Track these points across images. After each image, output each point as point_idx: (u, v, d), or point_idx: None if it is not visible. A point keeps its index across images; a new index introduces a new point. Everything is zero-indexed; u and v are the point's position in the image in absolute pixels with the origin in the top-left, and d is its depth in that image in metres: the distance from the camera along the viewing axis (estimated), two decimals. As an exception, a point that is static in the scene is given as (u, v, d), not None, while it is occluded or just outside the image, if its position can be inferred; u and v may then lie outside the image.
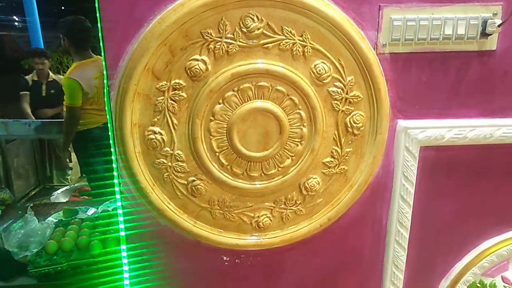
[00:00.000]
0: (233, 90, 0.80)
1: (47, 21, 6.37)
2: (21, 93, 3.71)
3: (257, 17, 0.76)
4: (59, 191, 3.57)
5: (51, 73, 3.82)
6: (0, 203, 1.85)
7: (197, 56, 0.78)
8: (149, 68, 0.77)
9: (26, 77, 3.85)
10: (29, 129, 3.30)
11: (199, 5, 0.74)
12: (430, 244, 0.97)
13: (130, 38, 0.77)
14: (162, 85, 0.79)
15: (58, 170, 4.02)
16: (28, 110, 3.63)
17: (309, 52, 0.79)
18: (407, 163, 0.89)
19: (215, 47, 0.77)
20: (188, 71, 0.78)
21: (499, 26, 0.80)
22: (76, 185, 3.72)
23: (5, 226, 1.51)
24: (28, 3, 5.94)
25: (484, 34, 0.82)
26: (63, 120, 2.84)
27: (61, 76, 3.91)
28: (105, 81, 0.79)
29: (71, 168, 3.26)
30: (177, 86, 0.79)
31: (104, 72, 0.80)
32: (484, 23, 0.81)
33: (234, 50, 0.78)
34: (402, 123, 0.87)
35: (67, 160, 3.15)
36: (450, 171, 0.92)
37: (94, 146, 2.64)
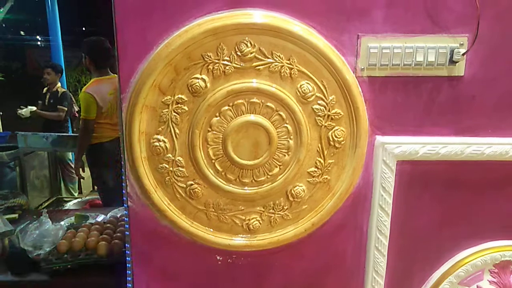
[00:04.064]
0: (229, 105, 0.91)
1: (68, 41, 6.66)
2: (39, 101, 4.09)
3: (250, 43, 0.89)
4: (70, 203, 3.71)
5: (58, 85, 4.14)
6: (17, 208, 1.98)
7: (198, 75, 0.90)
8: (156, 84, 0.90)
9: (45, 88, 4.20)
10: (46, 142, 3.47)
11: (200, 32, 0.87)
12: (409, 252, 1.05)
13: (141, 59, 0.90)
14: (167, 99, 0.91)
15: (65, 183, 4.23)
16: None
17: (296, 74, 0.91)
18: (384, 175, 0.98)
19: (213, 67, 0.89)
20: (190, 87, 0.90)
21: (463, 54, 0.90)
22: (87, 198, 3.87)
23: (21, 227, 1.63)
24: (52, 24, 6.22)
25: (452, 62, 0.93)
26: (77, 134, 3.03)
27: (65, 89, 4.24)
28: (118, 94, 0.92)
29: (83, 178, 3.42)
30: (180, 101, 0.91)
31: (118, 87, 0.93)
32: (452, 52, 0.92)
33: (230, 70, 0.90)
34: (379, 138, 0.97)
35: (80, 169, 3.30)
36: (425, 184, 1.00)
37: (106, 159, 2.78)
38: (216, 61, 0.89)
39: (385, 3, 0.90)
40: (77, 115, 4.35)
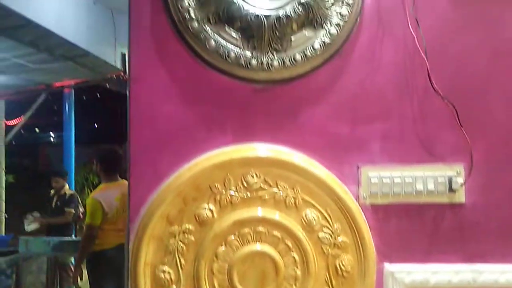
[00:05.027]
0: (235, 235, 0.92)
1: (80, 137, 6.87)
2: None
3: (256, 174, 0.93)
4: (65, 312, 3.48)
5: (66, 187, 4.21)
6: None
7: (205, 205, 0.93)
8: (164, 215, 0.92)
9: (51, 190, 4.26)
10: (48, 246, 3.41)
11: (209, 165, 0.93)
12: None
13: (152, 190, 0.94)
14: (174, 230, 0.92)
15: None
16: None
17: (300, 203, 0.93)
18: (397, 306, 0.94)
19: (220, 198, 0.93)
20: (197, 218, 0.92)
21: (461, 185, 0.93)
22: (83, 306, 3.64)
23: None
24: (68, 123, 6.43)
25: (452, 190, 0.95)
26: (80, 239, 3.00)
27: (72, 191, 4.29)
28: (127, 226, 0.94)
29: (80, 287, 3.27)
30: (187, 231, 0.92)
31: (127, 217, 0.95)
32: (450, 180, 0.95)
33: (237, 200, 0.93)
34: (388, 267, 0.95)
35: (78, 278, 3.17)
36: (441, 315, 0.95)
37: (106, 267, 2.70)
38: (223, 192, 0.93)
39: (381, 136, 0.96)
40: (82, 216, 4.34)
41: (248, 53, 0.91)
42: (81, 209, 4.36)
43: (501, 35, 0.96)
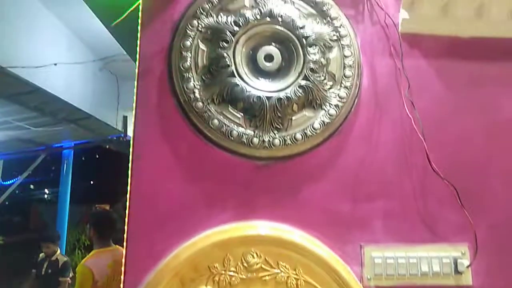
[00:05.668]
0: (234, 320, 0.87)
1: (74, 195, 6.70)
2: (33, 270, 3.85)
3: (256, 253, 0.91)
4: None
5: (57, 253, 4.00)
6: None
7: (203, 287, 0.89)
8: (160, 297, 0.88)
9: (41, 254, 4.04)
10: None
11: (208, 244, 0.90)
12: None
13: (148, 270, 0.90)
14: (169, 314, 0.87)
15: None
16: None
17: (302, 284, 0.90)
18: None
19: (219, 279, 0.89)
20: (194, 301, 0.88)
21: (467, 267, 0.91)
22: None
23: None
24: (64, 180, 6.17)
25: (458, 272, 0.92)
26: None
27: (65, 257, 4.09)
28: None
29: None
30: (183, 315, 0.87)
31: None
32: (455, 261, 0.93)
33: (236, 281, 0.89)
34: None
35: None
36: None
37: None
38: (222, 272, 0.89)
39: (382, 214, 0.96)
40: (70, 281, 4.12)
41: (250, 132, 0.93)
42: (70, 274, 4.15)
43: (497, 116, 1.00)
